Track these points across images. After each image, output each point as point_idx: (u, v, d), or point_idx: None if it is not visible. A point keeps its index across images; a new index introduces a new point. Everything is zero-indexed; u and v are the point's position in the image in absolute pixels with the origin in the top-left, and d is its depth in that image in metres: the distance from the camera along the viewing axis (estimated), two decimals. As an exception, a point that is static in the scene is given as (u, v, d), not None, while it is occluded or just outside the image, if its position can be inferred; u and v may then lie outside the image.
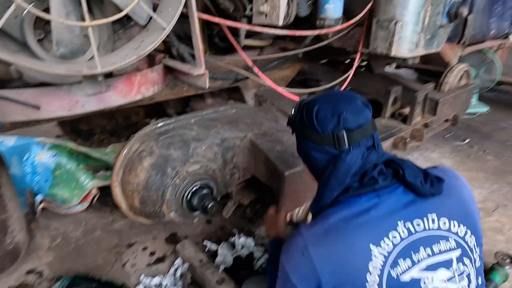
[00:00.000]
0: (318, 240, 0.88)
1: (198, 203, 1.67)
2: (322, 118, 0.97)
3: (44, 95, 0.99)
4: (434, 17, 1.62)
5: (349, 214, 0.89)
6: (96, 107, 1.09)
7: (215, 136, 1.85)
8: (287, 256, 0.93)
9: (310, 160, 1.04)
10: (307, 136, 1.01)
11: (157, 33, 1.06)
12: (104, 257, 2.05)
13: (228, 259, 1.91)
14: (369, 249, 0.84)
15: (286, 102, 2.26)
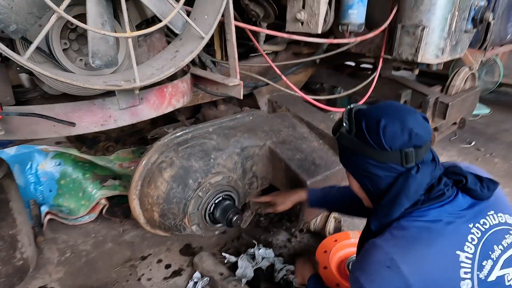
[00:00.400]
0: (404, 252, 0.85)
1: (221, 215, 1.61)
2: (391, 134, 0.90)
3: (76, 110, 0.93)
4: (460, 22, 1.59)
5: (426, 224, 0.89)
6: (128, 121, 1.02)
7: (235, 145, 1.79)
8: (369, 276, 0.86)
9: (370, 178, 0.97)
10: (367, 154, 0.94)
11: (194, 42, 1.00)
12: (118, 271, 1.97)
13: (249, 271, 1.85)
14: (457, 256, 0.85)
15: (301, 108, 2.21)
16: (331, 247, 1.93)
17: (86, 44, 1.14)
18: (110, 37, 0.92)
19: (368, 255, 0.89)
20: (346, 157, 1.03)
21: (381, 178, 0.95)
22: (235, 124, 1.93)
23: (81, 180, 2.51)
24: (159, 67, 0.97)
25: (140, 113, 1.04)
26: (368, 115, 0.95)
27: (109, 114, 0.98)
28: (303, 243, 2.17)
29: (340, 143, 1.02)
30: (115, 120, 1.00)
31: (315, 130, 2.08)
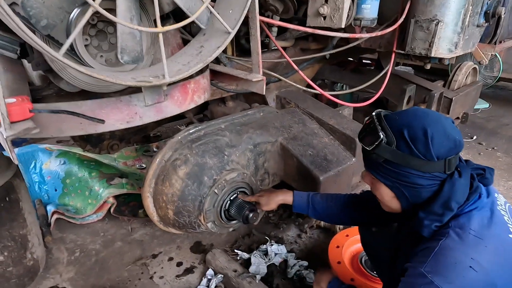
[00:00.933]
0: (478, 250, 0.86)
1: (237, 212, 1.60)
2: (438, 144, 0.89)
3: (103, 107, 0.91)
4: (473, 17, 1.60)
5: (480, 218, 0.91)
6: (153, 118, 1.01)
7: (248, 142, 1.78)
8: (447, 278, 0.85)
9: (412, 188, 0.95)
10: (411, 165, 0.91)
11: (219, 37, 0.99)
12: (129, 270, 1.96)
13: (262, 268, 1.85)
14: (510, 240, 0.90)
15: (310, 104, 2.21)
16: (343, 242, 1.94)
17: (105, 40, 1.12)
18: (137, 33, 0.90)
19: (444, 257, 0.87)
20: (383, 169, 0.97)
21: (424, 187, 0.94)
22: (246, 120, 1.92)
23: (87, 178, 2.48)
24: (185, 63, 0.96)
25: (164, 109, 1.03)
26: (409, 125, 0.92)
27: (135, 111, 0.96)
28: (313, 238, 2.17)
29: (376, 155, 0.96)
30: (141, 117, 0.98)
31: (325, 126, 2.08)
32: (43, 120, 0.85)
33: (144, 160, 3.06)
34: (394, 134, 0.93)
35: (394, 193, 1.00)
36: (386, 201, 1.05)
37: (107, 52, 1.13)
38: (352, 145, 1.98)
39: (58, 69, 1.07)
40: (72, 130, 0.91)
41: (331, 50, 1.99)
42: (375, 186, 1.05)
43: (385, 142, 0.93)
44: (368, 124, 1.01)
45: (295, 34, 2.14)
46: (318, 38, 2.29)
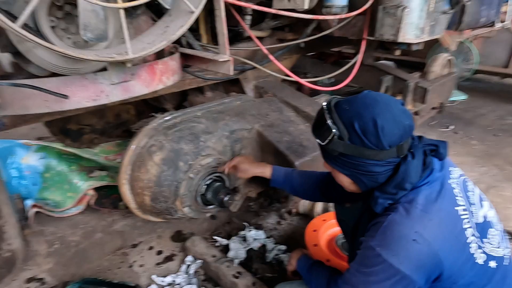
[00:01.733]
0: (423, 223, 0.90)
1: (213, 196, 1.63)
2: (389, 133, 0.91)
3: (68, 85, 0.93)
4: (438, 3, 1.66)
5: (429, 193, 0.95)
6: (120, 97, 1.03)
7: (224, 129, 1.81)
8: (393, 250, 0.89)
9: (368, 176, 0.98)
10: (365, 155, 0.93)
11: (184, 17, 1.02)
12: (109, 259, 1.96)
13: (241, 253, 1.88)
14: (456, 211, 0.95)
15: (288, 93, 2.25)
16: (320, 226, 1.98)
17: (73, 23, 1.14)
18: (100, 11, 0.92)
19: (390, 231, 0.92)
20: (339, 160, 0.99)
21: (380, 173, 0.97)
22: (223, 108, 1.95)
23: (67, 172, 2.47)
24: (150, 42, 0.98)
25: (132, 89, 1.05)
26: (359, 116, 0.92)
27: (101, 89, 0.98)
28: (292, 225, 2.21)
29: (331, 149, 0.97)
30: (107, 95, 1.00)
31: (301, 114, 2.13)
32: (6, 96, 0.86)
33: (125, 154, 3.05)
34: (346, 127, 0.93)
35: (352, 180, 1.03)
36: (346, 186, 1.09)
37: (75, 34, 1.14)
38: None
39: (25, 51, 1.08)
40: (37, 107, 0.92)
41: (304, 39, 2.03)
42: (334, 173, 1.09)
43: (338, 136, 0.93)
44: (320, 118, 1.00)
45: (271, 24, 2.18)
46: (294, 28, 2.33)
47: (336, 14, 1.66)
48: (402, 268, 0.88)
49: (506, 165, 3.00)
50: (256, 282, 1.66)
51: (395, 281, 0.90)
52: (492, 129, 3.74)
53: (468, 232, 0.95)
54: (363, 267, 0.97)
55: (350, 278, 1.01)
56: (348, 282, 1.02)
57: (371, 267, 0.94)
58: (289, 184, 1.52)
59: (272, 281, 1.75)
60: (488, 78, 5.45)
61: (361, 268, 0.97)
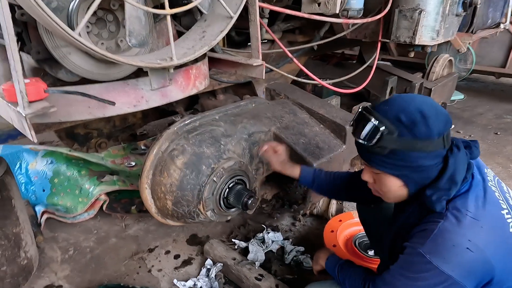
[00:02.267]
0: (475, 231, 0.90)
1: (236, 199, 1.63)
2: (434, 122, 0.91)
3: (111, 91, 0.92)
4: (453, 6, 1.70)
5: (475, 199, 0.95)
6: (159, 102, 1.03)
7: (242, 131, 1.82)
8: (445, 258, 0.89)
9: (420, 172, 0.97)
10: (416, 148, 0.92)
11: (222, 22, 1.02)
12: (126, 265, 1.95)
13: (260, 255, 1.89)
14: (502, 215, 0.95)
15: (300, 95, 2.26)
16: (337, 226, 2.00)
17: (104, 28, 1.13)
18: (142, 17, 0.92)
19: (442, 239, 0.91)
20: (388, 160, 0.97)
21: (431, 167, 0.95)
22: (239, 111, 1.96)
23: (77, 177, 2.45)
24: (190, 47, 0.98)
25: (169, 94, 1.05)
26: (403, 110, 0.93)
27: (141, 95, 0.98)
28: (307, 226, 2.23)
29: (380, 148, 0.95)
30: (147, 101, 1.00)
31: (315, 115, 2.14)
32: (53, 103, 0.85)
33: (132, 158, 3.03)
34: (392, 122, 0.93)
35: (403, 181, 1.00)
36: (393, 191, 1.04)
37: (107, 40, 1.14)
38: (342, 133, 2.04)
39: (60, 57, 1.07)
40: (80, 114, 0.92)
41: (318, 41, 2.05)
42: (379, 181, 1.05)
43: (386, 132, 0.92)
44: (360, 120, 0.99)
45: (282, 27, 2.20)
46: (304, 30, 2.35)
47: (354, 18, 1.69)
48: (454, 275, 0.89)
49: (509, 163, 3.07)
50: (279, 284, 1.66)
51: (444, 286, 0.91)
52: (492, 128, 3.82)
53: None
54: (409, 272, 0.96)
55: (392, 281, 1.00)
56: (390, 284, 1.01)
57: (419, 273, 0.94)
58: (316, 183, 1.53)
59: (292, 283, 1.77)
60: (484, 77, 5.56)
61: (406, 273, 0.97)
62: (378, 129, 0.93)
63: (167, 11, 0.84)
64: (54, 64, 1.17)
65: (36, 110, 0.69)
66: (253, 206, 1.61)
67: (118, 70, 1.16)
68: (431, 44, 1.73)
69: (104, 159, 3.02)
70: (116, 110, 0.95)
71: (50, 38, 1.02)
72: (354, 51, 4.75)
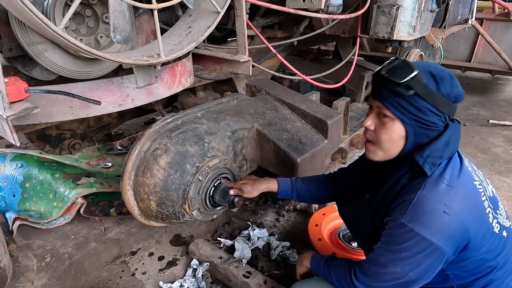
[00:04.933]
0: (451, 197, 0.96)
1: (222, 197, 1.61)
2: (457, 88, 0.98)
3: (95, 89, 0.88)
4: (427, 2, 1.75)
5: (451, 170, 1.01)
6: (145, 101, 0.99)
7: (226, 129, 1.79)
8: (425, 224, 0.94)
9: (427, 127, 1.00)
10: (435, 102, 0.96)
11: (208, 17, 0.99)
12: (108, 269, 1.89)
13: (247, 252, 1.88)
14: (475, 186, 1.03)
15: (281, 91, 2.26)
16: (321, 220, 2.03)
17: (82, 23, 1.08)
18: (126, 12, 0.88)
19: (422, 206, 0.96)
20: (405, 104, 0.98)
21: (436, 127, 1.00)
22: (222, 108, 1.93)
23: (50, 180, 2.33)
24: (176, 43, 0.95)
25: (155, 92, 1.01)
26: (435, 67, 1.00)
27: (127, 93, 0.94)
28: (291, 221, 2.24)
29: (405, 87, 0.96)
30: (133, 99, 0.96)
31: (296, 111, 2.15)
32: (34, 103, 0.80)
33: (108, 159, 2.93)
34: (423, 71, 0.97)
35: (407, 130, 1.02)
36: (393, 141, 1.05)
37: (86, 36, 1.09)
38: (324, 128, 2.06)
39: (36, 54, 1.01)
40: (62, 114, 0.87)
41: (298, 37, 2.06)
42: (383, 126, 1.05)
43: (418, 74, 0.96)
44: (399, 62, 1.01)
45: (261, 22, 2.18)
46: (283, 26, 2.34)
47: (333, 13, 1.70)
48: (434, 240, 0.93)
49: (478, 152, 3.22)
50: (267, 280, 1.67)
51: (427, 253, 0.95)
52: (460, 120, 3.98)
53: (485, 204, 1.04)
54: (393, 245, 1.00)
55: (377, 258, 1.03)
56: (376, 262, 1.03)
57: (402, 243, 0.97)
58: (295, 193, 1.53)
59: (279, 278, 1.77)
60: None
61: (390, 247, 1.01)
62: (412, 70, 0.96)
63: (155, 6, 0.81)
64: (28, 62, 1.10)
65: (18, 112, 0.64)
66: (239, 203, 1.59)
67: (98, 68, 1.11)
68: (408, 39, 1.78)
69: (78, 161, 2.90)
70: (100, 110, 0.91)
71: (25, 34, 0.96)
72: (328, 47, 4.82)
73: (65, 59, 1.05)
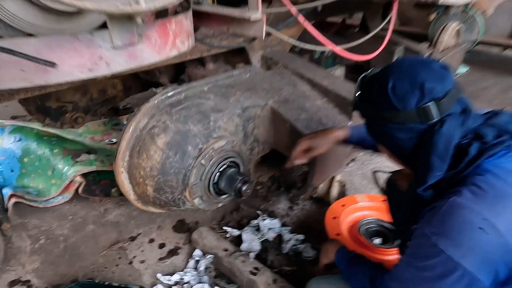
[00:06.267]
0: (494, 209, 0.73)
1: (228, 185, 1.40)
2: (401, 94, 0.84)
3: (54, 48, 0.66)
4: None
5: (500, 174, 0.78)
6: (125, 66, 0.77)
7: (235, 106, 1.57)
8: (453, 240, 0.74)
9: (394, 143, 0.91)
10: (384, 118, 0.88)
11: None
12: (105, 255, 1.74)
13: (255, 244, 1.69)
14: None
15: (300, 65, 2.00)
16: (340, 212, 1.80)
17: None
18: None
19: (450, 216, 0.75)
20: (370, 126, 0.98)
21: (404, 141, 0.88)
22: (232, 82, 1.70)
23: (49, 156, 2.19)
24: (164, -11, 0.72)
25: (139, 55, 0.78)
26: (376, 78, 0.90)
27: (99, 55, 0.72)
28: (305, 210, 2.03)
29: (360, 113, 0.98)
30: (108, 63, 0.74)
31: (317, 87, 1.89)
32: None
33: (114, 134, 2.77)
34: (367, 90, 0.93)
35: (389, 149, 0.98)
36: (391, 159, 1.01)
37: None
38: (348, 107, 1.80)
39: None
40: (12, 80, 0.65)
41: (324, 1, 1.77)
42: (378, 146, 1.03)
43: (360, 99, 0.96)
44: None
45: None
46: (306, -10, 2.04)
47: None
48: (464, 263, 0.72)
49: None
50: (277, 279, 1.48)
51: (454, 279, 0.74)
52: (498, 103, 3.62)
53: None
54: (416, 260, 0.82)
55: (398, 273, 0.87)
56: (397, 278, 0.87)
57: (426, 260, 0.79)
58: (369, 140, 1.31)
59: (291, 275, 1.58)
60: (487, 50, 5.30)
61: (413, 261, 0.83)
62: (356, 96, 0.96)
63: None
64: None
65: None
66: (247, 192, 1.39)
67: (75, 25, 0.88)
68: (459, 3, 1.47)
69: (83, 135, 2.75)
70: (63, 76, 0.69)
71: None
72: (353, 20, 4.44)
73: (29, 12, 0.82)
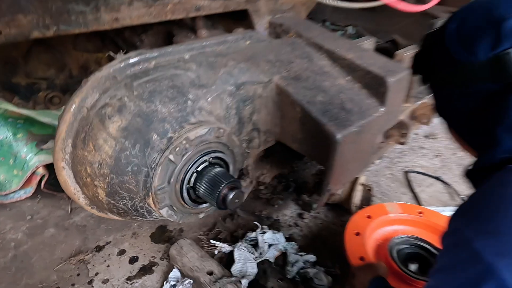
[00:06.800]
0: None
1: (208, 191, 0.99)
2: (467, 36, 0.66)
3: None
4: None
5: None
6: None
7: (227, 80, 1.15)
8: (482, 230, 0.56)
9: (457, 120, 0.79)
10: (444, 80, 0.74)
11: None
12: (60, 270, 1.38)
13: (251, 266, 1.28)
14: None
15: (318, 33, 1.55)
16: (365, 226, 1.37)
17: None
18: None
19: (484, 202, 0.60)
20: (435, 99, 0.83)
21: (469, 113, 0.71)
22: (225, 49, 1.27)
23: (11, 141, 1.84)
24: None
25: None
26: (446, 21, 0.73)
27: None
28: (319, 219, 1.61)
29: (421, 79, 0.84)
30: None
31: (340, 62, 1.44)
32: None
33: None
34: (433, 43, 0.80)
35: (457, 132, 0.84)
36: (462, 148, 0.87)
37: None
38: (381, 89, 1.35)
39: None
40: None
41: None
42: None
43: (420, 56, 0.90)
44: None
45: None
46: None
47: None
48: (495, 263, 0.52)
49: None
50: (276, 321, 1.07)
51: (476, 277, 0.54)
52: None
53: None
54: (446, 260, 0.64)
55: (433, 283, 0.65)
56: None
57: (455, 258, 0.61)
58: None
59: (297, 310, 1.18)
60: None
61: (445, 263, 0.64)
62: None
63: None
64: None
65: None
66: (235, 202, 0.97)
67: None
68: None
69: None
70: None
71: None
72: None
73: None
